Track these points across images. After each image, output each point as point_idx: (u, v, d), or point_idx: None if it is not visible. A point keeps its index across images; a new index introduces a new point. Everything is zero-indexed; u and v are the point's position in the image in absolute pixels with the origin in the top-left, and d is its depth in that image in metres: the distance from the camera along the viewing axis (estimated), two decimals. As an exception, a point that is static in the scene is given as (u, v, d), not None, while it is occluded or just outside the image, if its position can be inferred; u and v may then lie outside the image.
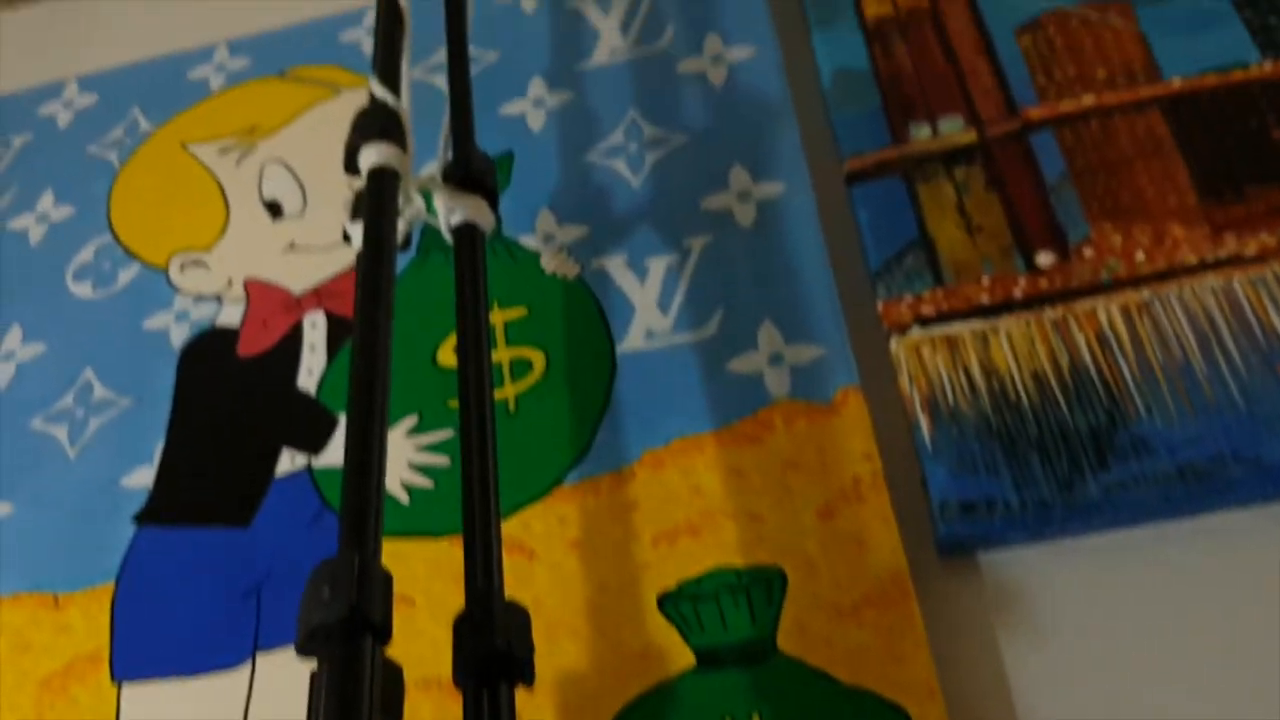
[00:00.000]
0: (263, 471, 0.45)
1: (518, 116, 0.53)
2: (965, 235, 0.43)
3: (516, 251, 0.49)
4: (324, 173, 0.54)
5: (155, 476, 0.46)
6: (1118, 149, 0.44)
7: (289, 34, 0.60)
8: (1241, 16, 0.46)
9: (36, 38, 0.66)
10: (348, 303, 0.49)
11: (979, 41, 0.49)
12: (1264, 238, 0.40)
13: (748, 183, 0.48)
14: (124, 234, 0.54)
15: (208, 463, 0.46)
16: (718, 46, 0.53)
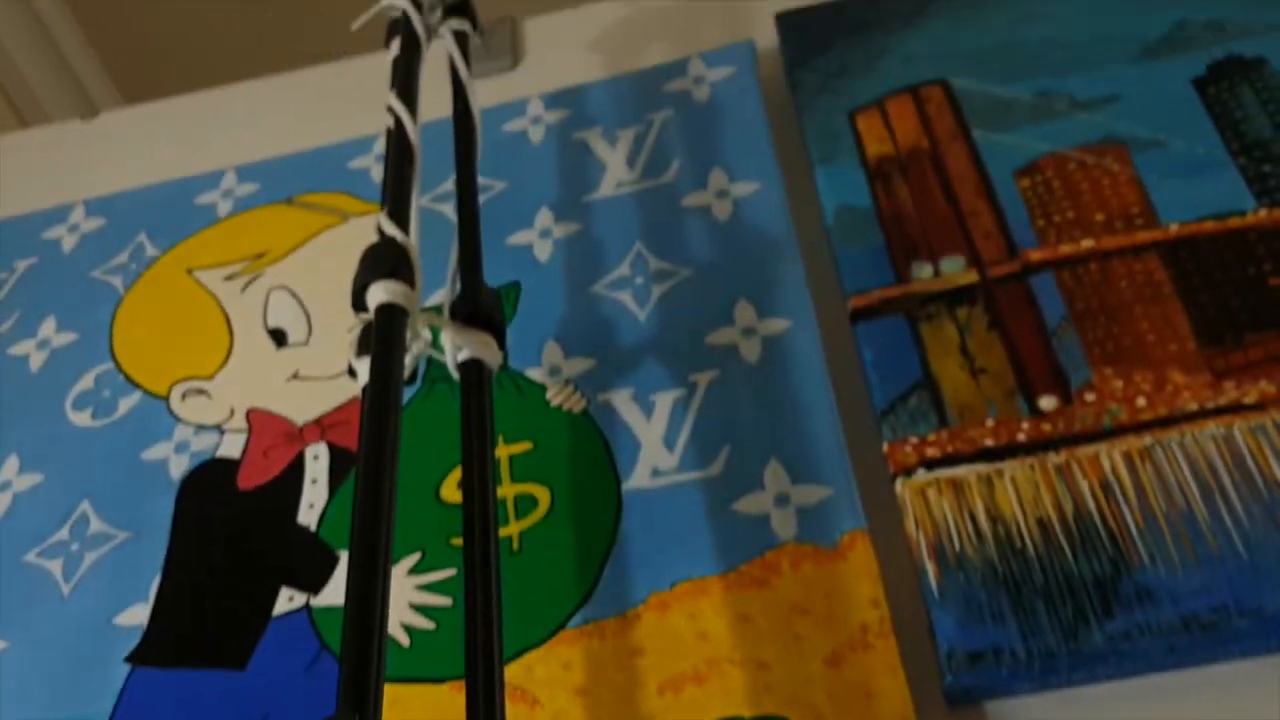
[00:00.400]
0: (260, 610, 0.46)
1: (525, 247, 0.55)
2: (969, 377, 0.45)
3: (523, 384, 0.50)
4: (330, 301, 0.56)
5: (150, 615, 0.47)
6: (1117, 293, 0.46)
7: (297, 160, 0.63)
8: (1237, 164, 0.48)
9: (43, 160, 0.68)
10: (352, 434, 0.51)
11: (979, 183, 0.51)
12: (1264, 385, 0.42)
13: (753, 318, 0.50)
14: (125, 361, 0.56)
15: (204, 601, 0.47)
16: (723, 181, 0.55)
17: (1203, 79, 0.51)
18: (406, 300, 0.43)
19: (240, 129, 0.67)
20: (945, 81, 0.55)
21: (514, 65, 0.67)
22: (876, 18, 0.59)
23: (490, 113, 0.61)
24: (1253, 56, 0.51)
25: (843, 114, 0.55)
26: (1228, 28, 0.53)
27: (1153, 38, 0.53)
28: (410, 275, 0.43)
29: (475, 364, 0.44)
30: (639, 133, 0.59)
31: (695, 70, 0.61)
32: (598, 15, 0.68)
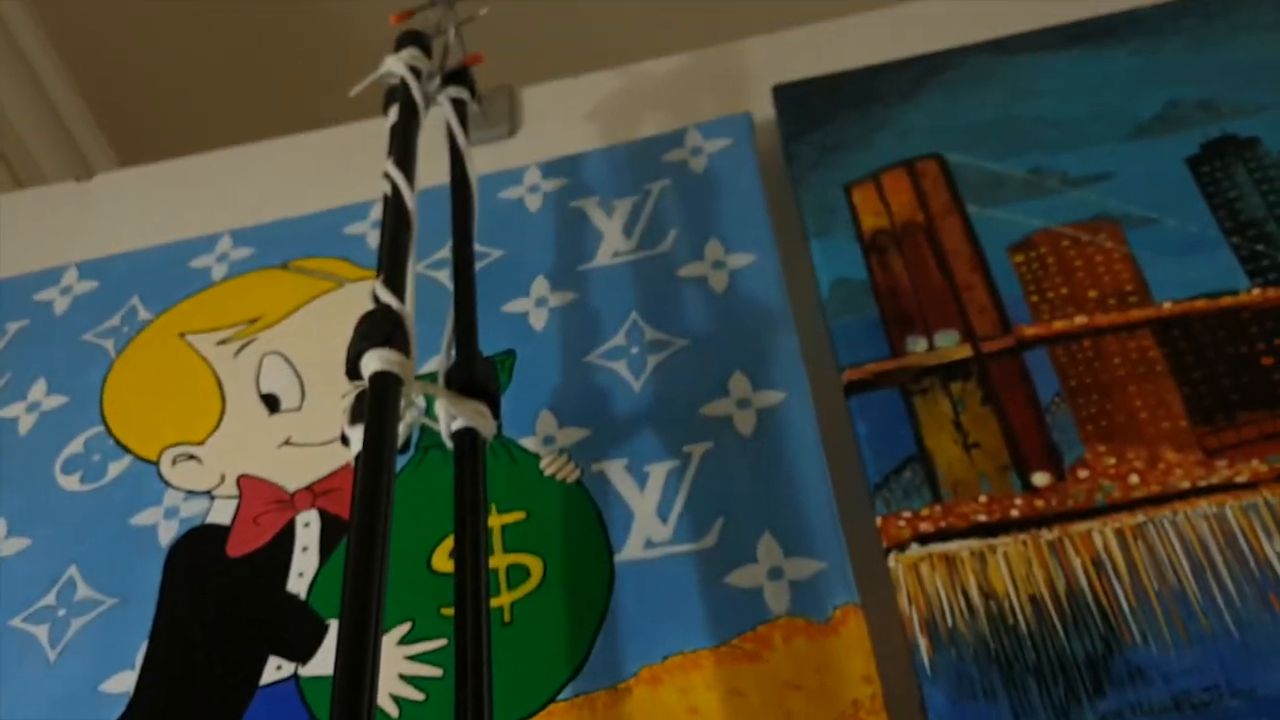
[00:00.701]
0: (248, 680, 0.46)
1: (520, 315, 0.57)
2: (963, 452, 0.46)
3: (517, 453, 0.51)
4: (324, 366, 0.57)
5: (136, 683, 0.47)
6: (1110, 370, 0.47)
7: (293, 225, 0.64)
8: (1230, 243, 0.50)
9: (37, 222, 0.69)
10: (344, 501, 0.52)
11: (973, 257, 0.52)
12: (1256, 465, 0.43)
13: (748, 390, 0.51)
14: (116, 425, 0.57)
15: (191, 669, 0.48)
16: (719, 252, 0.57)
17: (1196, 158, 0.53)
18: (401, 369, 0.43)
19: (236, 193, 0.69)
20: (940, 156, 0.57)
21: (512, 133, 0.68)
22: (873, 92, 0.60)
23: (487, 180, 0.62)
24: (1246, 136, 0.53)
25: (838, 187, 0.57)
26: (1220, 108, 0.54)
27: (1146, 116, 0.55)
28: (405, 344, 0.44)
29: (469, 433, 0.44)
30: (636, 202, 0.60)
31: (692, 141, 0.62)
32: (595, 85, 0.70)
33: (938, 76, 0.60)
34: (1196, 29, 0.58)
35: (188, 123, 1.19)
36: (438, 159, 0.55)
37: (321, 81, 1.16)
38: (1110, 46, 0.58)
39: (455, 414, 0.45)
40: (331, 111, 0.73)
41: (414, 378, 0.44)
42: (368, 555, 0.38)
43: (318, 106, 0.95)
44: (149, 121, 1.19)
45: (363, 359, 0.44)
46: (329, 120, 0.72)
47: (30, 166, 1.02)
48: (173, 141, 0.74)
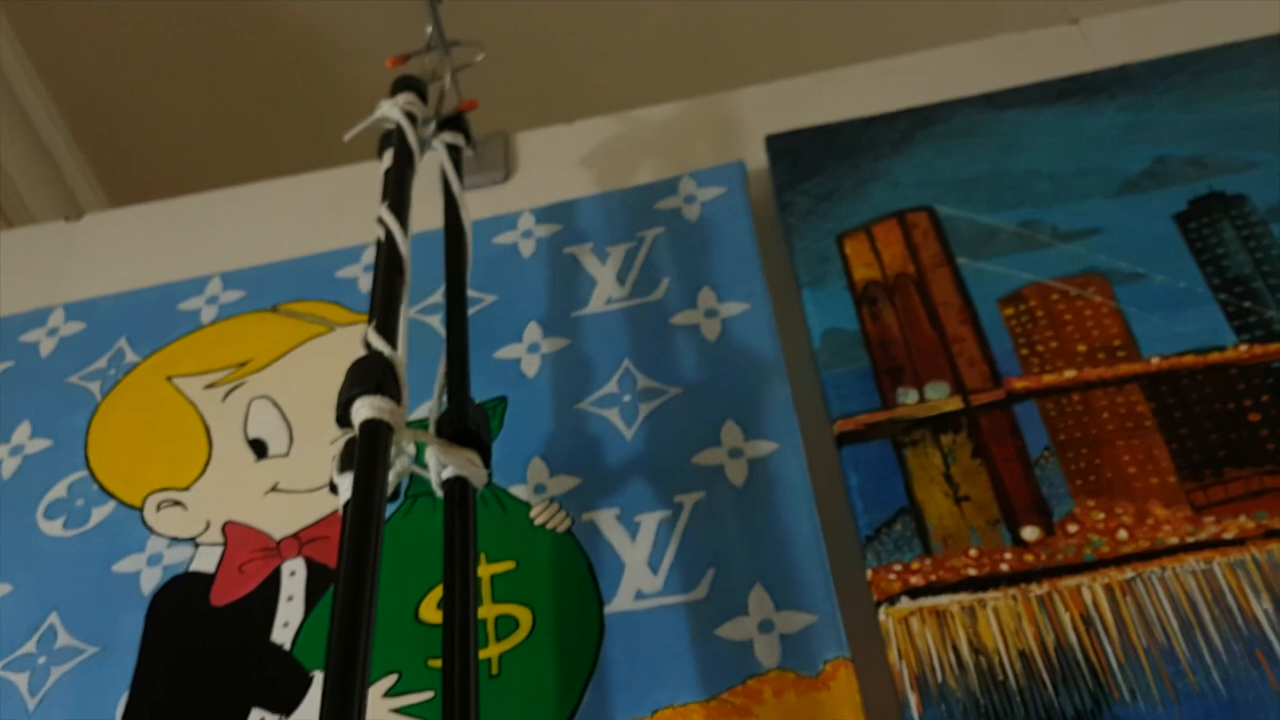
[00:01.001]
0: (232, 730, 0.47)
1: (513, 361, 0.57)
2: (953, 505, 0.47)
3: (507, 502, 0.52)
4: (313, 412, 0.57)
5: (118, 734, 0.48)
6: (1099, 424, 0.48)
7: (284, 268, 0.64)
8: (1218, 299, 0.51)
9: (26, 261, 0.70)
10: (330, 550, 0.52)
11: (963, 310, 0.53)
12: (1243, 521, 0.44)
13: (740, 440, 0.52)
14: (100, 470, 0.57)
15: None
16: (712, 301, 0.57)
17: (1184, 214, 0.54)
18: (392, 417, 0.44)
19: (227, 234, 0.69)
20: (931, 208, 0.57)
21: (506, 178, 0.69)
22: (865, 143, 0.62)
23: (481, 225, 0.63)
24: (1233, 194, 0.54)
25: (830, 237, 0.58)
26: (1208, 164, 0.55)
27: (1134, 172, 0.56)
28: (396, 391, 0.44)
29: (460, 482, 0.45)
30: (629, 249, 0.61)
31: (686, 189, 0.63)
32: (590, 131, 0.71)
33: (928, 129, 0.61)
34: (1186, 86, 0.59)
35: (179, 164, 1.20)
36: (431, 203, 0.56)
37: (315, 124, 1.17)
38: (1100, 103, 0.60)
39: (446, 463, 0.45)
40: (324, 154, 0.74)
41: (405, 425, 0.44)
42: (355, 606, 0.38)
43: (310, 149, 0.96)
44: (140, 162, 1.20)
45: (353, 406, 0.44)
46: (321, 163, 0.73)
47: (19, 206, 1.03)
48: (164, 182, 0.75)
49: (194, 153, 1.21)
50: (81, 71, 1.14)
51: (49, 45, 1.12)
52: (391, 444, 0.44)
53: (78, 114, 1.16)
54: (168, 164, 1.20)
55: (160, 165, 1.21)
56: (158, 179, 1.12)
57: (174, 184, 0.74)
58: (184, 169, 1.20)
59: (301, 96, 1.17)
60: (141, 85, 1.16)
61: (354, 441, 0.43)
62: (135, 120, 1.18)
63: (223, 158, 1.21)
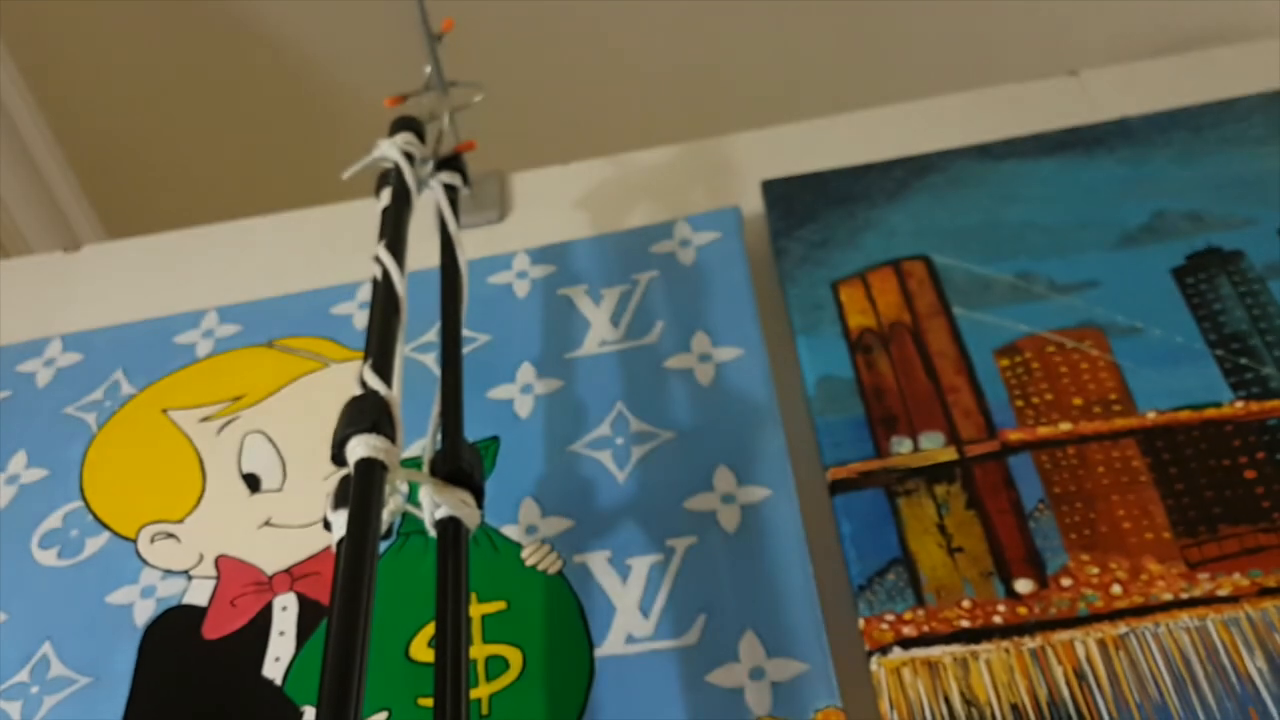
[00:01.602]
0: (222, 765, 0.46)
1: (505, 402, 0.57)
2: (946, 556, 0.47)
3: (499, 542, 0.52)
4: (306, 447, 0.57)
5: (107, 765, 0.47)
6: (1094, 478, 0.48)
7: (280, 303, 0.64)
8: (1214, 355, 0.51)
9: (23, 292, 0.70)
10: (322, 586, 0.52)
11: (959, 360, 0.53)
12: (1238, 579, 0.44)
13: (733, 485, 0.51)
14: (95, 501, 0.57)
15: (164, 752, 0.47)
16: (706, 345, 0.57)
17: (1181, 269, 0.54)
18: (387, 456, 0.44)
19: (224, 269, 0.69)
20: (927, 258, 0.58)
21: (501, 218, 0.69)
22: (860, 191, 0.62)
23: (476, 265, 0.63)
24: (1231, 250, 0.54)
25: (825, 284, 0.58)
26: (1206, 220, 0.56)
27: (1132, 226, 0.56)
28: (392, 431, 0.44)
29: (453, 522, 0.45)
30: (624, 292, 0.61)
31: (681, 233, 0.63)
32: (585, 173, 0.71)
33: (924, 178, 0.62)
34: (1185, 140, 0.60)
35: (176, 197, 1.20)
36: (425, 241, 0.56)
37: (312, 160, 1.17)
38: (1098, 155, 0.60)
39: (440, 503, 0.45)
40: (320, 191, 0.74)
41: (399, 465, 0.44)
42: (348, 643, 0.38)
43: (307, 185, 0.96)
44: (138, 195, 1.20)
45: (348, 445, 0.44)
46: (318, 199, 0.73)
47: (16, 237, 1.03)
48: (161, 216, 0.75)
49: (191, 187, 1.21)
50: (80, 103, 1.14)
51: (49, 76, 1.12)
52: (386, 483, 0.44)
53: (76, 145, 1.16)
54: (165, 197, 1.20)
55: (157, 199, 1.21)
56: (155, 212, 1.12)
57: (171, 218, 0.74)
58: (181, 203, 1.20)
59: (299, 133, 1.17)
60: (140, 118, 1.16)
61: (348, 479, 0.43)
62: (133, 153, 1.19)
63: (220, 192, 1.21)
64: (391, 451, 0.44)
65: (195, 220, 0.73)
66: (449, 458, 0.46)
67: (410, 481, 0.45)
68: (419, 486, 0.45)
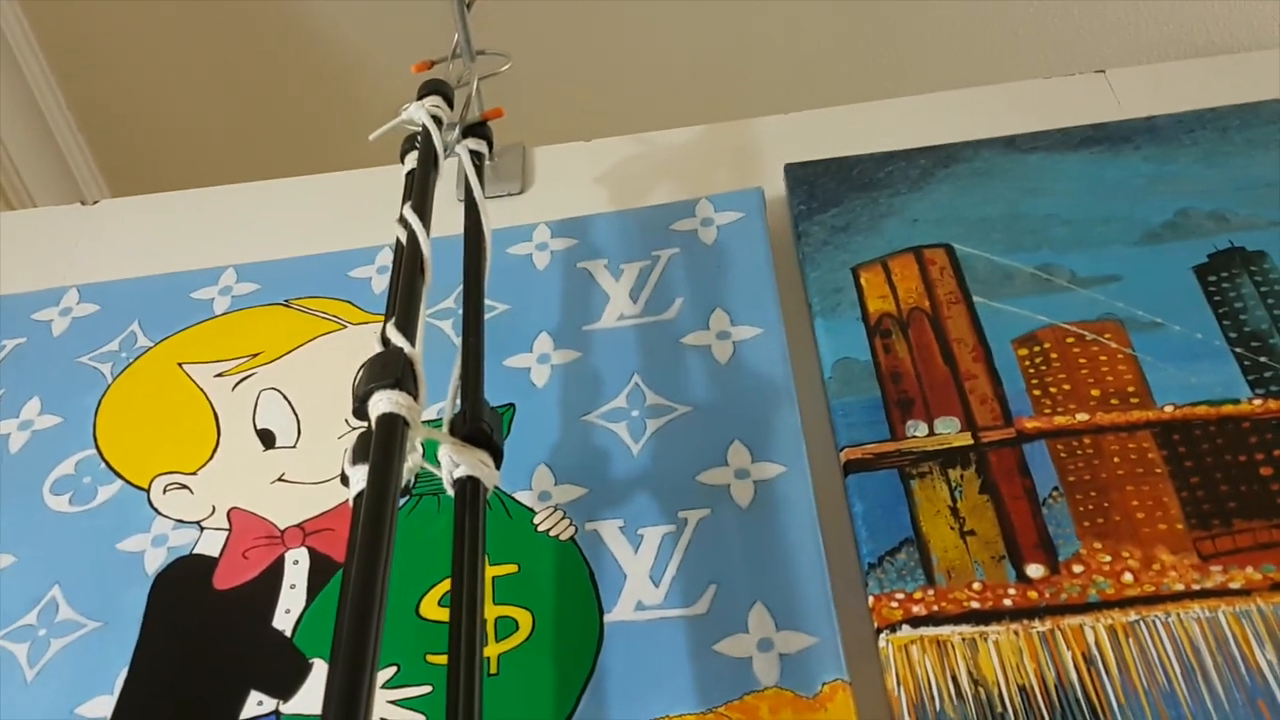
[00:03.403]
0: (228, 713, 0.46)
1: (522, 370, 0.57)
2: (958, 538, 0.47)
3: (511, 507, 0.52)
4: (321, 406, 0.57)
5: (114, 708, 0.47)
6: (1109, 468, 0.48)
7: (299, 263, 0.65)
8: (1234, 352, 0.51)
9: (41, 242, 0.70)
10: (334, 541, 0.52)
11: (978, 347, 0.53)
12: (1250, 572, 0.44)
13: (747, 461, 0.52)
14: (108, 450, 0.57)
15: (170, 699, 0.48)
16: (724, 323, 0.58)
17: (1204, 266, 0.55)
18: (409, 412, 0.44)
19: (242, 228, 0.69)
20: (949, 246, 0.58)
21: (522, 190, 0.70)
22: (884, 179, 0.62)
23: (497, 234, 0.62)
24: (1254, 250, 0.55)
25: (846, 268, 0.58)
26: (1230, 220, 0.56)
27: (1156, 223, 0.57)
28: (414, 388, 0.44)
29: (472, 482, 0.45)
30: (644, 268, 0.61)
31: (703, 212, 0.63)
32: (608, 150, 0.71)
33: (949, 168, 0.62)
34: (1211, 141, 0.60)
35: (188, 163, 1.20)
36: (443, 210, 0.56)
37: (328, 127, 1.17)
38: (1125, 153, 0.60)
39: (459, 462, 0.45)
40: (336, 158, 0.74)
41: (420, 422, 0.44)
42: (367, 595, 0.38)
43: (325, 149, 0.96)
44: (147, 159, 1.20)
45: (371, 399, 0.44)
46: (337, 164, 0.73)
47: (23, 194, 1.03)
48: (172, 183, 0.75)
49: (203, 152, 1.21)
50: (92, 64, 1.14)
51: (62, 38, 1.12)
52: (407, 439, 0.44)
53: (86, 107, 1.16)
54: (176, 163, 1.20)
55: (168, 164, 1.20)
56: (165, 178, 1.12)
57: (182, 184, 0.74)
58: (192, 168, 1.20)
59: (317, 99, 1.17)
60: (153, 81, 1.16)
61: (368, 435, 0.43)
62: (144, 117, 1.18)
63: (233, 158, 1.21)
64: (414, 408, 0.44)
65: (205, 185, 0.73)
66: (470, 418, 0.46)
67: (428, 440, 0.45)
68: (436, 446, 0.45)
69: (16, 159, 1.03)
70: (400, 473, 0.43)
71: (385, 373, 0.44)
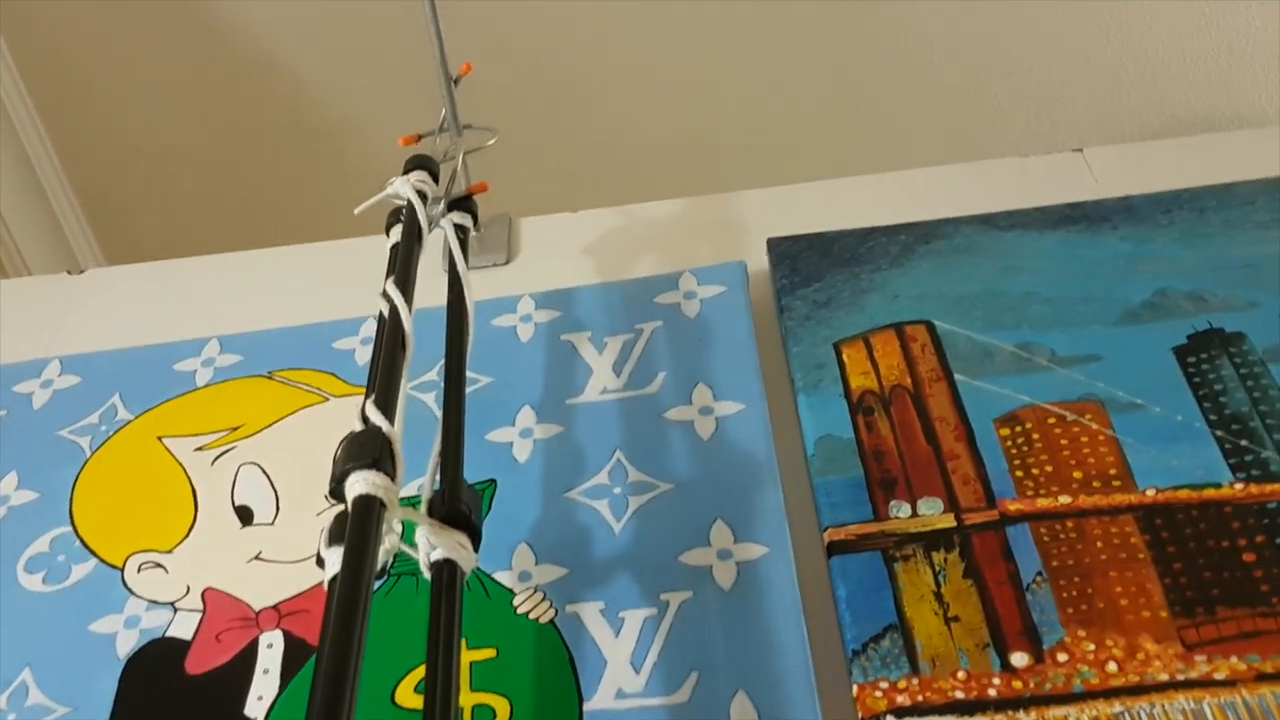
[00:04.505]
0: (199, 802, 0.45)
1: (505, 444, 0.56)
2: (942, 624, 0.46)
3: (491, 587, 0.50)
4: (301, 481, 0.56)
5: (83, 796, 0.45)
6: (1092, 553, 0.47)
7: (283, 334, 0.63)
8: (1215, 435, 0.50)
9: (25, 311, 0.68)
10: (310, 623, 0.50)
11: (959, 426, 0.52)
12: (1234, 662, 0.43)
13: (729, 541, 0.50)
14: (84, 527, 0.55)
15: (141, 786, 0.46)
16: (707, 398, 0.56)
17: (1183, 348, 0.53)
18: (386, 494, 0.42)
19: (226, 298, 0.68)
20: (930, 323, 0.57)
21: (508, 260, 0.68)
22: (865, 254, 0.61)
23: (481, 306, 0.62)
24: (1233, 331, 0.54)
25: (827, 344, 0.57)
26: (1209, 300, 0.55)
27: (1135, 302, 0.56)
28: (392, 468, 0.43)
29: (449, 565, 0.43)
30: (627, 340, 0.60)
31: (687, 285, 0.62)
32: (593, 221, 0.70)
33: (929, 244, 0.61)
34: (1189, 221, 0.59)
35: (179, 229, 1.19)
36: (428, 281, 0.55)
37: (317, 196, 1.16)
38: (1102, 231, 0.59)
39: (436, 544, 0.44)
40: (326, 226, 0.73)
41: (398, 503, 0.43)
42: (338, 684, 0.36)
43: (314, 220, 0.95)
44: (140, 225, 1.19)
45: (348, 480, 0.43)
46: (323, 235, 0.72)
47: (16, 259, 1.02)
48: (164, 247, 0.74)
49: (196, 218, 1.20)
50: (88, 131, 1.13)
51: (57, 102, 1.11)
52: (383, 521, 0.43)
53: (81, 172, 1.15)
54: (169, 228, 1.19)
55: (161, 229, 1.19)
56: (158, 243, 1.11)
57: (174, 250, 0.73)
58: (185, 234, 1.19)
59: (308, 168, 1.17)
60: (149, 148, 1.16)
61: (344, 515, 0.42)
62: (140, 183, 1.18)
63: (226, 225, 1.20)
64: (391, 490, 0.42)
65: (198, 253, 0.72)
66: (448, 499, 0.45)
67: (406, 521, 0.44)
68: (414, 526, 0.44)
69: (12, 226, 1.02)
70: (376, 556, 0.42)
71: (363, 453, 0.43)
